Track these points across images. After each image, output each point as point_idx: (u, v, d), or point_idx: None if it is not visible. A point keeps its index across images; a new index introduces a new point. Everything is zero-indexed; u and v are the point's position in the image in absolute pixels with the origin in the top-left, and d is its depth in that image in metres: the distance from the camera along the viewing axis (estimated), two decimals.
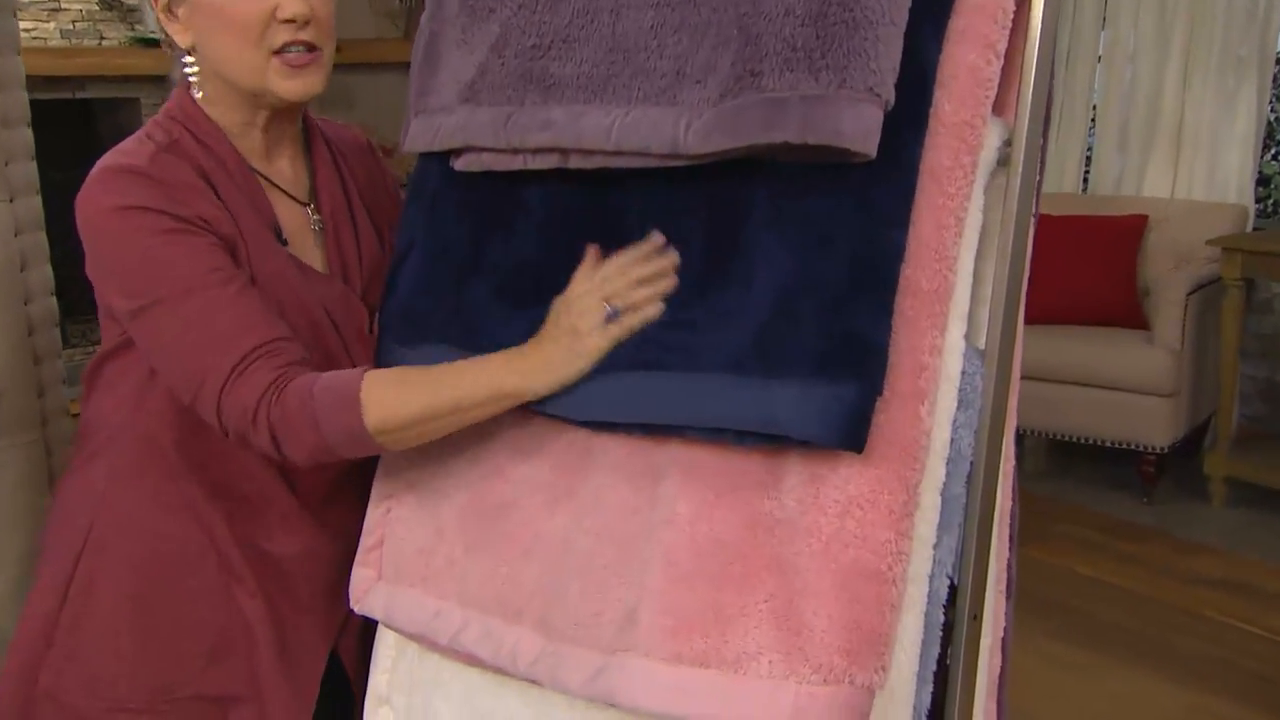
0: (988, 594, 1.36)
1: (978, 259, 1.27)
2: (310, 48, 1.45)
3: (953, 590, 1.30)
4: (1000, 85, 1.23)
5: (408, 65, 1.57)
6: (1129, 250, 4.54)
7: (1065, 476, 4.63)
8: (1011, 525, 1.45)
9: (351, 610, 1.55)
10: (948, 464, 1.25)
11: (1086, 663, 3.21)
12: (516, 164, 1.41)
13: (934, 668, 1.29)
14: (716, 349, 1.24)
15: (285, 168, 1.54)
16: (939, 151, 1.21)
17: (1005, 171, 1.25)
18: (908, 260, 1.21)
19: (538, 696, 1.39)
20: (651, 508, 1.29)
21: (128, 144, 1.44)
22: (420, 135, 1.52)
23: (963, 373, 1.26)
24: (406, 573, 1.49)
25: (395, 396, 1.33)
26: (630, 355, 1.30)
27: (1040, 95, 1.22)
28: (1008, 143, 1.25)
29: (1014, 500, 1.44)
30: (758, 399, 1.19)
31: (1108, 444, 4.35)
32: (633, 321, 1.31)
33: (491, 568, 1.41)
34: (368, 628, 1.62)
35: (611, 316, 1.31)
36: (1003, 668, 1.49)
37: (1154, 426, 4.25)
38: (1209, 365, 4.42)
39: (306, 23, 1.42)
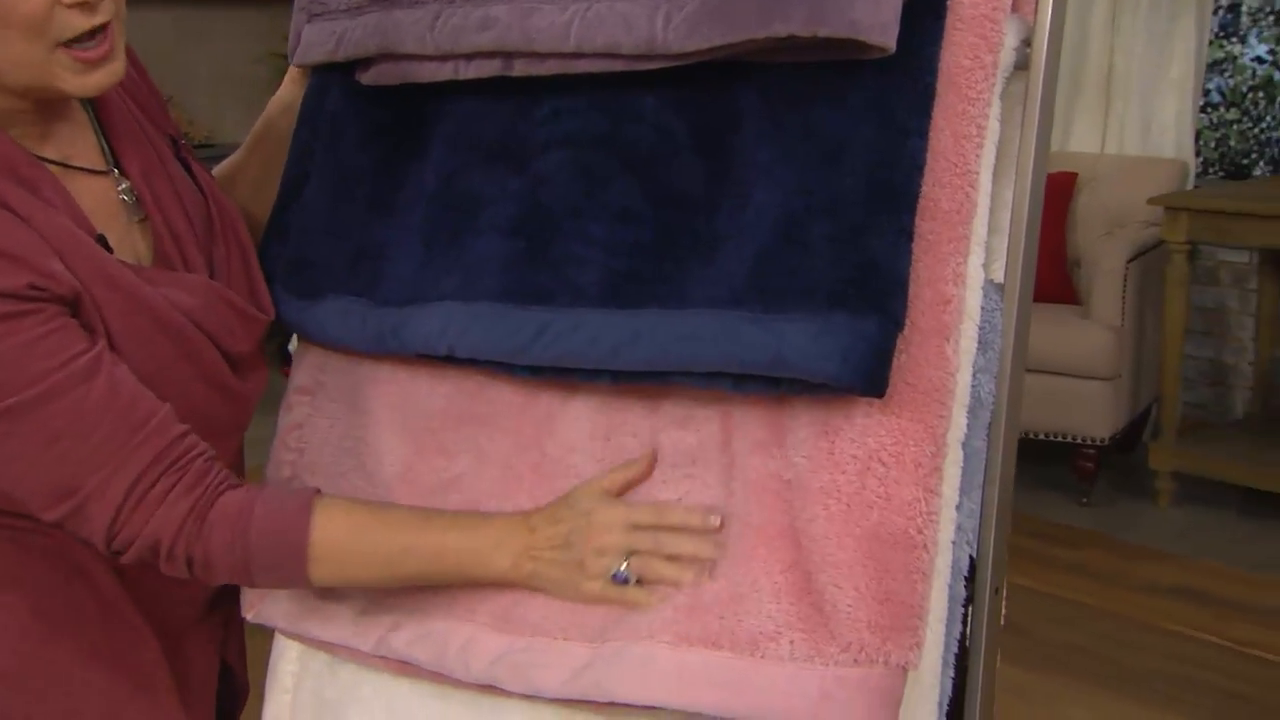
0: None
1: (994, 177, 1.33)
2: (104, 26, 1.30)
3: (970, 562, 1.37)
4: None
5: None
6: (1056, 213, 4.74)
7: None
8: None
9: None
10: (968, 413, 1.32)
11: (1035, 687, 3.35)
12: (445, 73, 1.43)
13: (955, 649, 1.35)
14: (707, 281, 1.28)
15: (72, 134, 1.41)
16: (958, 49, 1.28)
17: (1023, 77, 1.33)
18: (926, 176, 1.26)
19: (490, 707, 1.40)
20: None
21: None
22: (317, 44, 1.52)
23: (981, 308, 1.32)
24: None
25: (352, 558, 1.34)
26: (599, 291, 1.32)
27: None
28: (1026, 42, 1.32)
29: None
30: (761, 336, 1.23)
31: (1037, 436, 4.51)
32: (633, 598, 1.31)
33: None
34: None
35: (620, 580, 1.32)
36: None
37: (1092, 416, 4.43)
38: (1148, 345, 4.64)
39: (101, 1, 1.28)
